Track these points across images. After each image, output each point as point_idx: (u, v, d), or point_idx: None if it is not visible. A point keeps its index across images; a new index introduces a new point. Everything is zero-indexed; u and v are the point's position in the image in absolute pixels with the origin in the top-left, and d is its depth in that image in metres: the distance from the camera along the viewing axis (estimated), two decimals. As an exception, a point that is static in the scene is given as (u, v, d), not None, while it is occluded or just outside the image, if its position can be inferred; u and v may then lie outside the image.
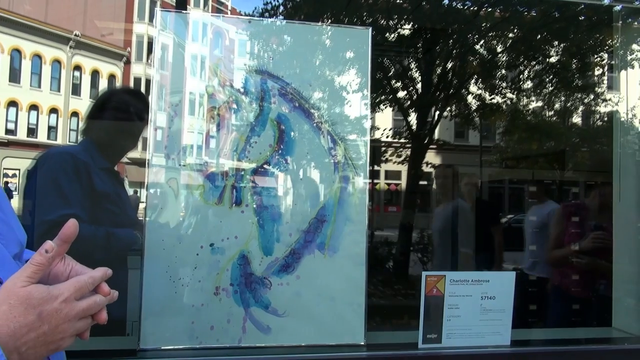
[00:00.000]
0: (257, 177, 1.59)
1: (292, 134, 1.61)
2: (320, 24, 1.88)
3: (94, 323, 0.76)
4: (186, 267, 1.53)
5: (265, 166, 1.59)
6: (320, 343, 1.60)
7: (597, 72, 9.06)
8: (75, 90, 20.86)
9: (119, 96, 2.00)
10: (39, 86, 20.18)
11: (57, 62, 20.51)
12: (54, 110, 20.60)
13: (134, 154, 2.08)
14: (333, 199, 1.62)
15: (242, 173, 1.58)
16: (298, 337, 1.59)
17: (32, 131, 20.16)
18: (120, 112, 1.93)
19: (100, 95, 2.21)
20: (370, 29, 1.71)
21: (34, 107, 20.08)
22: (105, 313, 0.77)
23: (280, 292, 1.57)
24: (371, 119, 1.70)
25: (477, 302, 1.63)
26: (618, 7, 2.51)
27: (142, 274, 1.50)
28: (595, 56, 7.55)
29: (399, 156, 8.12)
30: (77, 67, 21.06)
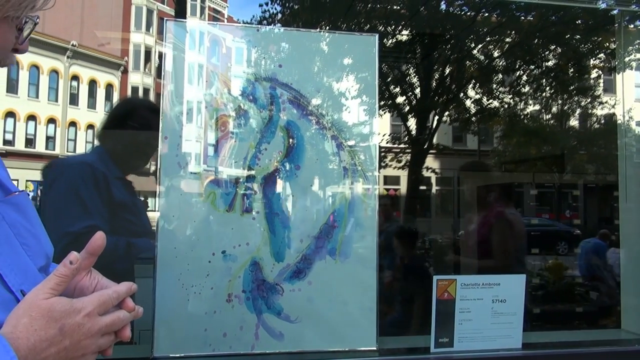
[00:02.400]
0: (268, 183, 1.59)
1: (302, 140, 1.62)
2: (326, 31, 1.89)
3: (117, 340, 0.73)
4: (198, 275, 1.53)
5: (275, 173, 1.60)
6: (332, 349, 1.60)
7: (593, 75, 9.13)
8: (73, 100, 20.93)
9: (142, 113, 1.95)
10: (37, 96, 20.24)
11: (54, 73, 20.57)
12: (51, 121, 20.65)
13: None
14: (343, 205, 1.63)
15: (253, 180, 1.58)
16: (310, 343, 1.59)
17: (30, 141, 20.20)
18: (141, 132, 1.92)
19: (122, 104, 2.18)
20: (376, 36, 1.72)
21: (31, 117, 20.12)
22: (129, 330, 0.74)
23: (292, 298, 1.58)
24: (355, 125, 1.72)
25: (488, 306, 1.63)
26: (615, 11, 2.54)
27: (155, 282, 1.50)
28: (593, 59, 7.60)
29: (399, 161, 8.15)
30: (75, 77, 21.13)
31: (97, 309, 0.68)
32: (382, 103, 7.70)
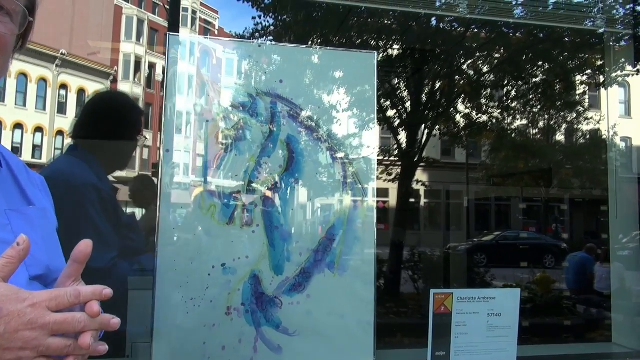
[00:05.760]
0: (268, 197, 1.61)
1: (302, 154, 1.64)
2: (327, 48, 1.93)
3: (79, 351, 0.64)
4: (198, 287, 1.53)
5: (275, 186, 1.62)
6: (330, 362, 1.61)
7: (579, 92, 9.32)
8: (61, 109, 20.73)
9: (121, 112, 1.86)
10: (24, 105, 20.02)
11: (43, 81, 20.39)
12: (39, 129, 20.43)
13: (119, 172, 1.97)
14: (342, 218, 1.65)
15: (253, 193, 1.60)
16: (308, 356, 1.60)
17: (16, 150, 19.95)
18: (124, 129, 1.85)
19: (96, 104, 2.01)
20: (375, 53, 1.76)
21: (18, 125, 19.88)
22: (90, 338, 0.64)
23: (291, 311, 1.58)
24: (354, 139, 1.75)
25: (484, 319, 1.65)
26: (601, 30, 2.62)
27: (154, 294, 1.50)
28: (580, 75, 7.75)
29: (389, 174, 8.20)
30: (63, 86, 20.96)
31: (46, 302, 0.62)
32: (368, 118, 7.75)
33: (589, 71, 7.64)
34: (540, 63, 7.38)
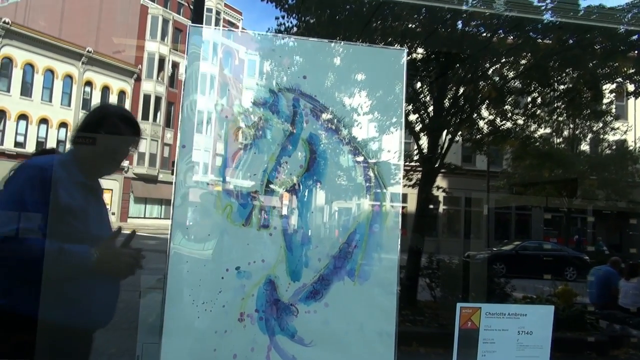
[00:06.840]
0: (287, 198, 1.53)
1: (324, 155, 1.56)
2: (354, 44, 1.84)
3: None
4: (210, 291, 1.46)
5: (295, 188, 1.53)
6: (347, 375, 1.52)
7: (606, 101, 9.07)
8: (86, 105, 21.12)
9: (114, 121, 1.94)
10: (50, 100, 20.44)
11: (68, 77, 20.80)
12: (63, 125, 20.83)
13: (140, 169, 2.01)
14: (364, 224, 1.56)
15: (272, 194, 1.52)
16: (324, 368, 1.51)
17: (40, 144, 20.34)
18: (110, 139, 1.91)
19: (95, 111, 2.15)
20: (405, 50, 1.67)
21: (44, 120, 20.30)
22: None
23: (307, 320, 1.50)
24: (379, 141, 1.66)
25: (513, 337, 1.55)
26: (635, 37, 2.50)
27: (165, 296, 1.43)
28: (610, 83, 7.53)
29: (409, 179, 8.04)
30: (88, 83, 21.37)
31: None
32: (394, 120, 7.63)
33: (618, 79, 7.42)
34: (568, 70, 7.19)
